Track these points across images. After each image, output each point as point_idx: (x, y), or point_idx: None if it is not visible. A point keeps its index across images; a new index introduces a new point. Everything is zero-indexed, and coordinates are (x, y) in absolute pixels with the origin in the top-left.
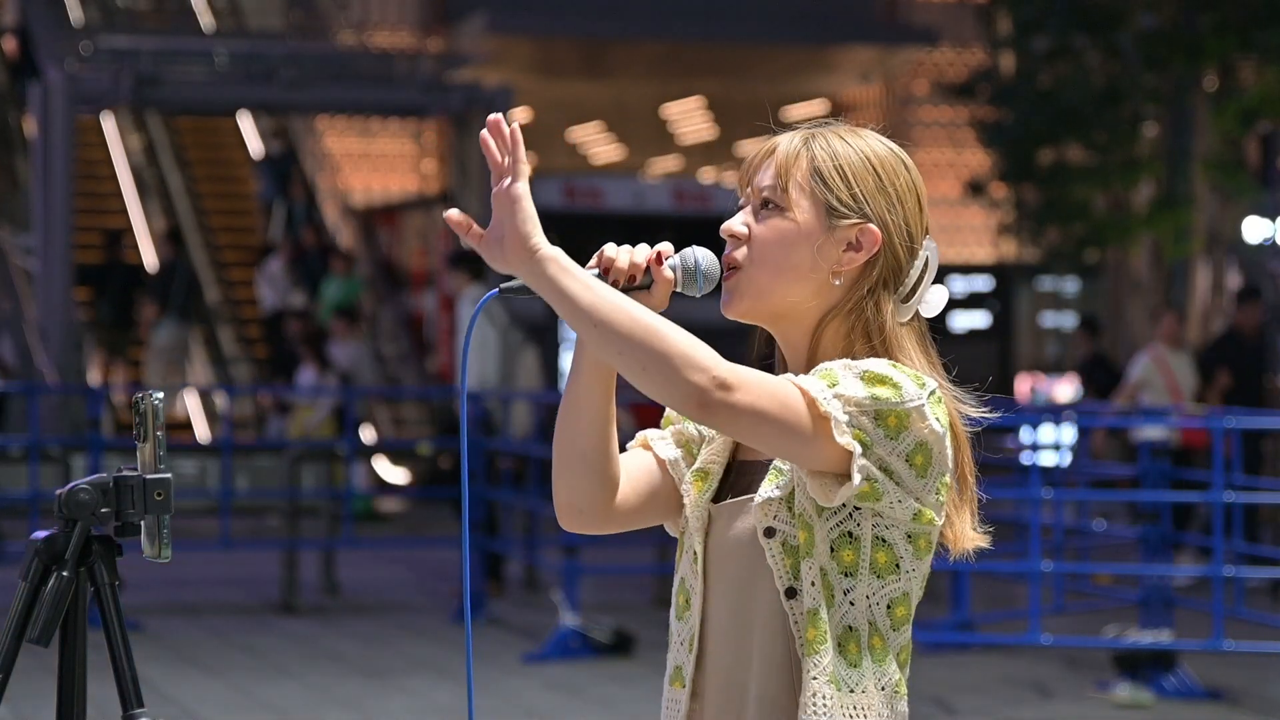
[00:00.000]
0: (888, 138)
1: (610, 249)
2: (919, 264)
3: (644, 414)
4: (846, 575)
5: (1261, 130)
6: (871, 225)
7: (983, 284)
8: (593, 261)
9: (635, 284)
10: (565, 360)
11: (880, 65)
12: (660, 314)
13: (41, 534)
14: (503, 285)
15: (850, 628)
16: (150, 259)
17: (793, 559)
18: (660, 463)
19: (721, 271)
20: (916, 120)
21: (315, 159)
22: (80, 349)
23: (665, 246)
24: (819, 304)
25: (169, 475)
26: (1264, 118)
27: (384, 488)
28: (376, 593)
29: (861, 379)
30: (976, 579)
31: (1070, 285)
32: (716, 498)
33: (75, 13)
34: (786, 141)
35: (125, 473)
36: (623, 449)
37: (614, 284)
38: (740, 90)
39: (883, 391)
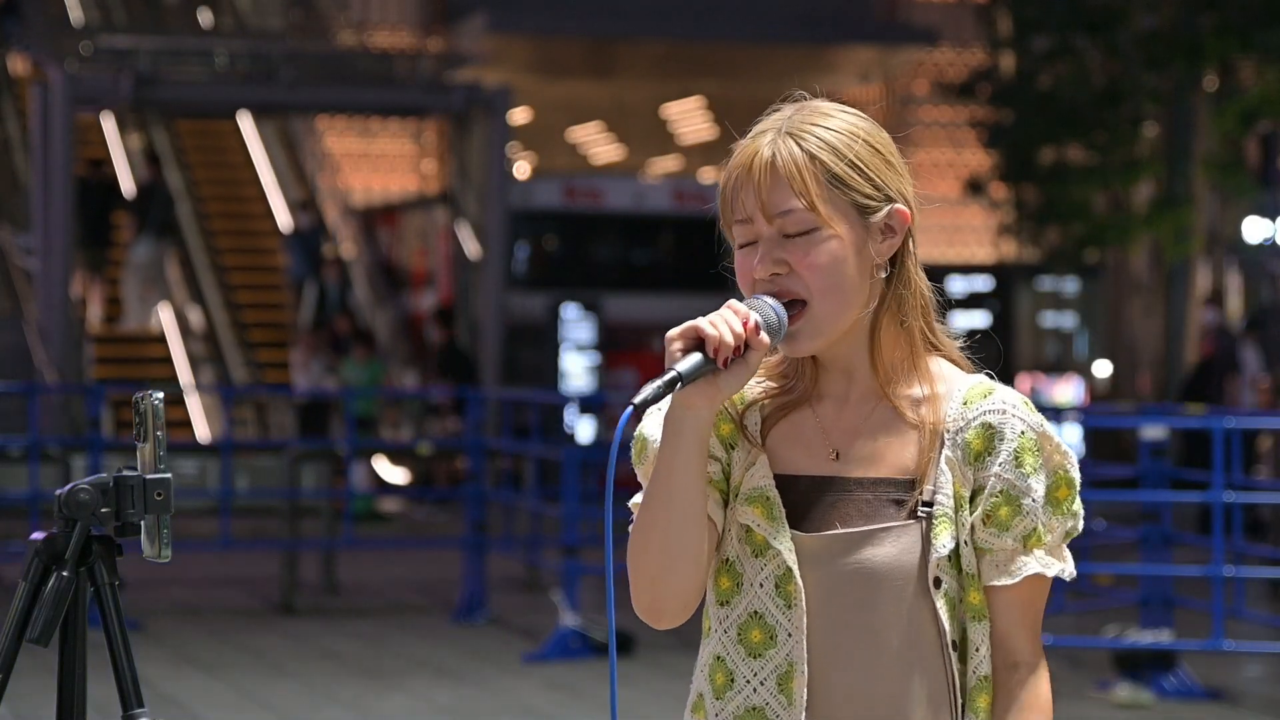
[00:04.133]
0: (885, 132)
1: (707, 328)
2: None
3: None
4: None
5: (1261, 130)
6: (898, 206)
7: (983, 284)
8: (679, 344)
9: (739, 355)
10: (565, 360)
11: (880, 65)
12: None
13: (41, 534)
14: (635, 400)
15: (985, 676)
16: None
17: (951, 610)
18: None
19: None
20: (916, 120)
21: (315, 159)
22: (80, 349)
23: (743, 308)
24: (871, 306)
25: (169, 475)
26: (1264, 118)
27: (384, 488)
28: (376, 593)
29: (1056, 502)
30: None
31: (1070, 285)
32: (797, 524)
33: (75, 13)
34: (785, 154)
35: (125, 473)
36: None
37: (724, 363)
38: (740, 90)
39: (1068, 501)
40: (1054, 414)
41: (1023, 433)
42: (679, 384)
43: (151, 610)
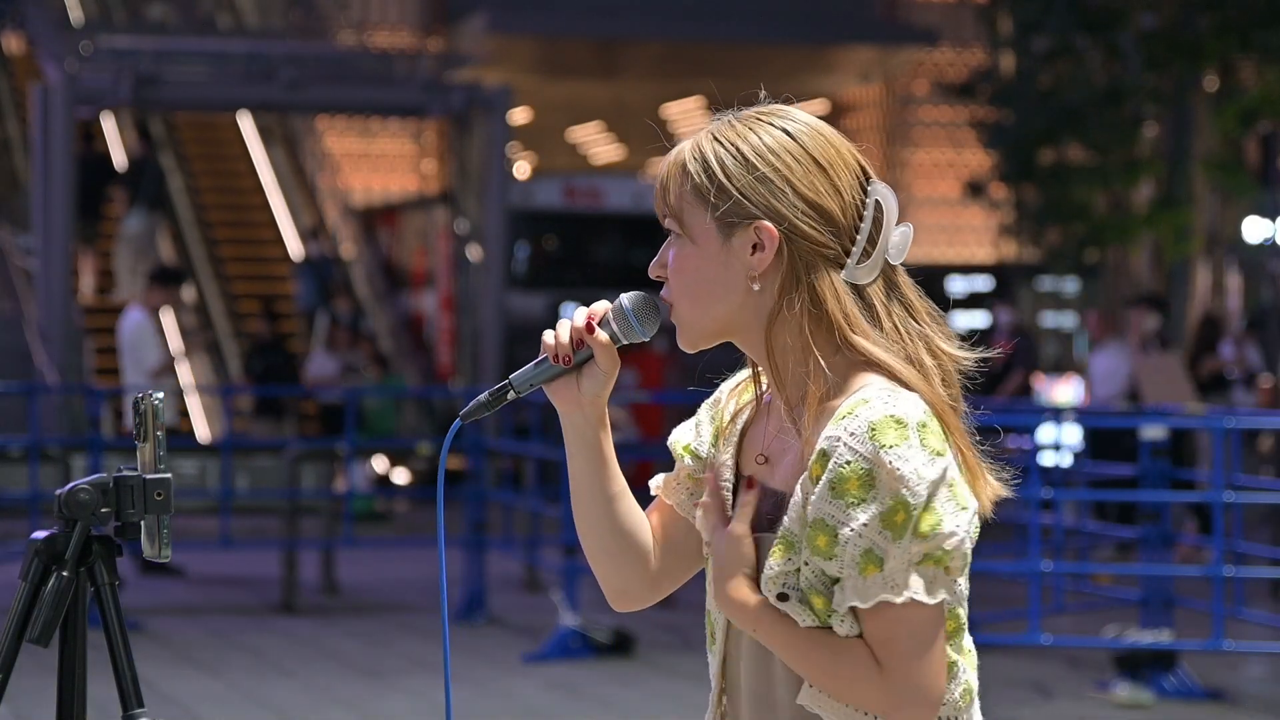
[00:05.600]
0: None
1: (545, 336)
2: (868, 214)
3: (641, 412)
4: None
5: (1261, 130)
6: (764, 222)
7: (983, 284)
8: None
9: (585, 356)
10: None
11: (880, 65)
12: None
13: (41, 534)
14: (463, 413)
15: None
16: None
17: (813, 613)
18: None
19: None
20: (916, 120)
21: (315, 159)
22: (80, 349)
23: (598, 307)
24: (753, 313)
25: (169, 475)
26: (1264, 118)
27: (385, 488)
28: (376, 593)
29: (887, 526)
30: (976, 579)
31: (1070, 285)
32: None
33: (75, 13)
34: (669, 162)
35: (125, 473)
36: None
37: (565, 363)
38: (740, 90)
39: (909, 525)
40: (1054, 414)
41: (848, 462)
42: (509, 392)
43: (151, 610)
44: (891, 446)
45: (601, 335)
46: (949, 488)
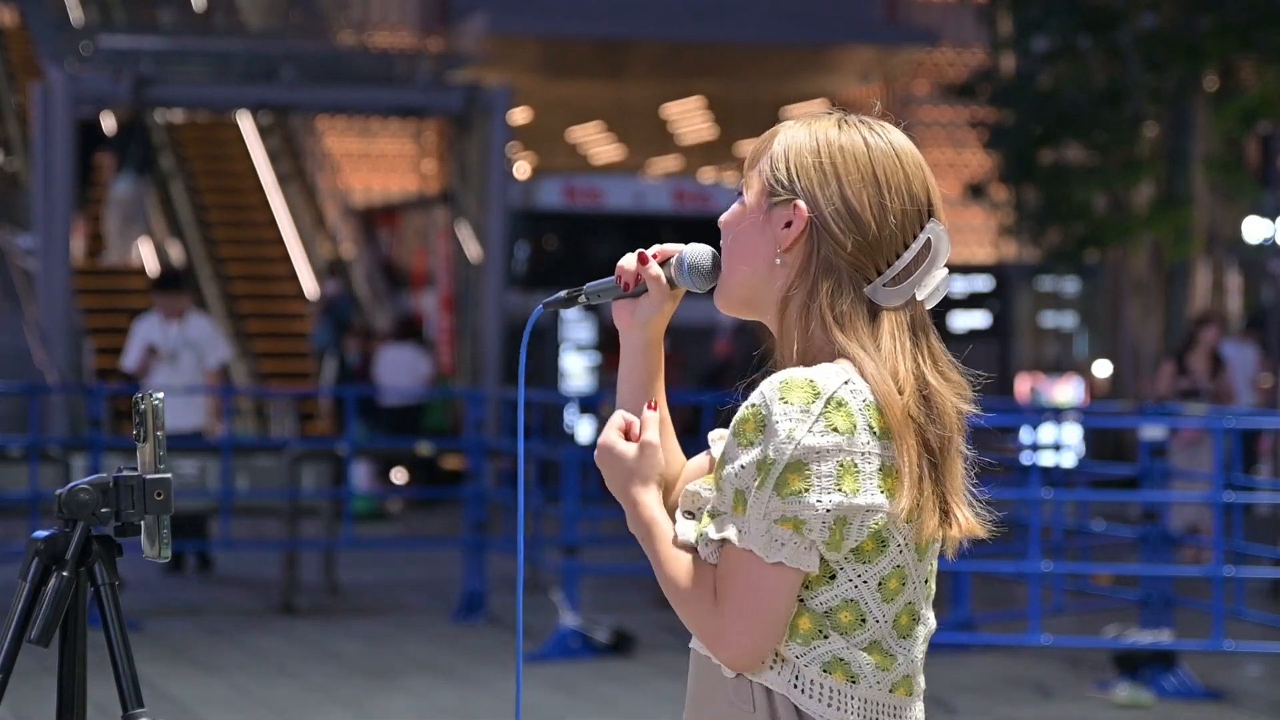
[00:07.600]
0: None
1: (622, 260)
2: (915, 246)
3: None
4: None
5: (1261, 130)
6: (799, 201)
7: (983, 284)
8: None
9: (644, 287)
10: (564, 360)
11: (880, 65)
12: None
13: (41, 534)
14: (545, 302)
15: None
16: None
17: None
18: None
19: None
20: (916, 120)
21: (315, 159)
22: (80, 349)
23: (670, 247)
24: (775, 286)
25: (169, 475)
26: (1264, 118)
27: (385, 488)
28: (376, 593)
29: (763, 472)
30: (976, 579)
31: (1070, 285)
32: None
33: (75, 13)
34: (769, 133)
35: (125, 473)
36: None
37: (625, 288)
38: (740, 90)
39: (767, 482)
40: (1054, 414)
41: (752, 405)
42: (580, 295)
43: (151, 610)
44: (787, 403)
45: (654, 269)
46: (832, 463)
